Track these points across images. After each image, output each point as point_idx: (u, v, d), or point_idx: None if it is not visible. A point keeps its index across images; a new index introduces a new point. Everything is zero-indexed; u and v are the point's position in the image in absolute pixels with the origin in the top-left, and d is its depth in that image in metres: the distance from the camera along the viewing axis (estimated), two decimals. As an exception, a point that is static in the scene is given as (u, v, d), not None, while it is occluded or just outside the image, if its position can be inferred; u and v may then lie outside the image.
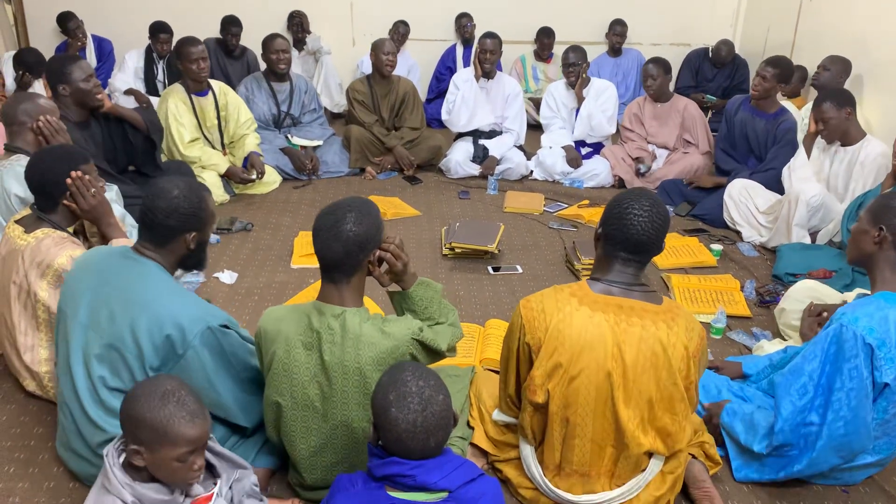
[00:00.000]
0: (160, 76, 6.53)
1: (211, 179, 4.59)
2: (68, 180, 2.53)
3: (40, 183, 2.52)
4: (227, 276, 3.69)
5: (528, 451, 2.17)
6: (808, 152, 4.08)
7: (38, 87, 5.61)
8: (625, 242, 1.96)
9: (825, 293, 3.10)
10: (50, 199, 2.54)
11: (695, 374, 2.02)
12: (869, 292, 2.34)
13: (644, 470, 2.09)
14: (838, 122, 3.90)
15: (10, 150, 3.05)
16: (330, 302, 1.99)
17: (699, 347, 1.99)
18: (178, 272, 3.12)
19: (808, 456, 2.21)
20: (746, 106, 4.77)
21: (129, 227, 3.23)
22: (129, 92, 6.26)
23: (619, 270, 2.01)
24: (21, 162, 2.98)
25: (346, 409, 1.98)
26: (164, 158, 4.63)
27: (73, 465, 2.25)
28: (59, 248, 2.43)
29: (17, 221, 2.58)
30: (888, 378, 2.12)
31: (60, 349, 2.18)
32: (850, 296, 2.99)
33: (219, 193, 4.63)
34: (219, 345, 2.09)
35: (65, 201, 2.55)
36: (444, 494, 1.57)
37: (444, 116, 5.47)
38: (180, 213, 2.09)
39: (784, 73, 4.62)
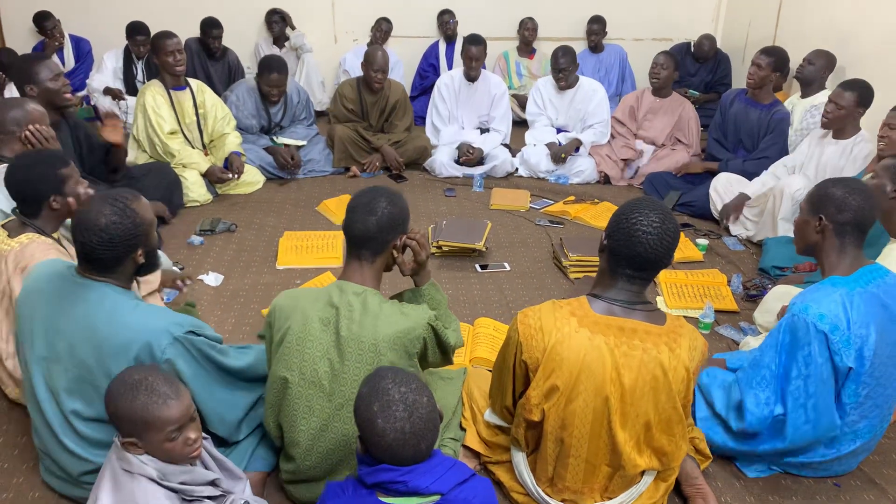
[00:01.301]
0: (139, 76, 6.43)
1: (193, 178, 4.54)
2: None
3: (21, 189, 2.47)
4: (212, 279, 3.65)
5: (520, 458, 2.15)
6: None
7: (14, 89, 5.52)
8: (631, 260, 1.89)
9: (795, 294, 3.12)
10: (32, 204, 2.49)
11: (692, 392, 2.00)
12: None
13: (638, 483, 2.07)
14: (848, 114, 3.92)
15: None
16: (352, 280, 2.05)
17: (700, 364, 1.97)
18: (163, 291, 3.10)
19: (778, 444, 2.28)
20: (742, 97, 4.81)
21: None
22: (107, 91, 6.17)
23: (622, 287, 1.94)
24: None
25: (354, 387, 1.98)
26: (147, 158, 4.59)
27: (59, 489, 2.20)
28: (43, 254, 2.38)
29: (2, 226, 2.53)
30: (850, 361, 2.16)
31: (25, 383, 2.12)
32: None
33: (201, 193, 4.58)
34: (188, 353, 2.03)
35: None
36: (437, 497, 1.55)
37: (430, 136, 5.52)
38: (117, 243, 1.96)
39: (779, 61, 4.64)
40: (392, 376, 1.61)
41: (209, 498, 1.81)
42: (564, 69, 5.26)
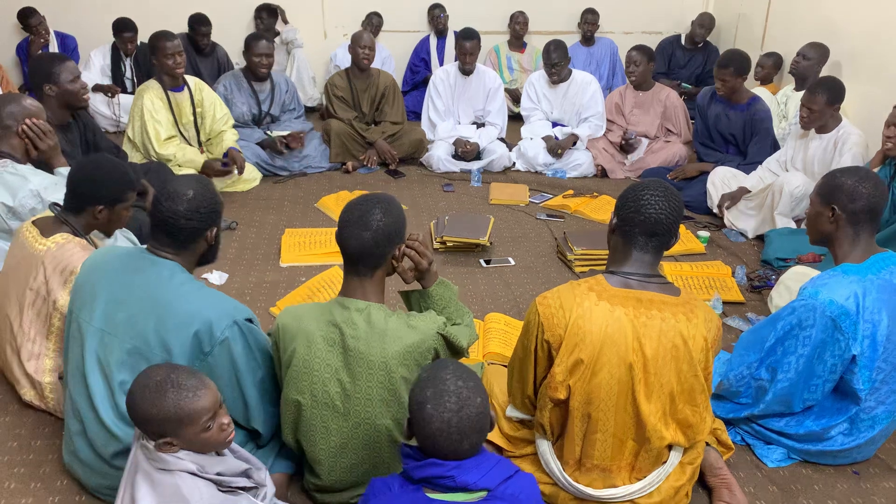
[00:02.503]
0: (128, 73, 6.37)
1: (190, 177, 4.48)
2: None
3: (82, 182, 2.47)
4: (217, 277, 3.61)
5: (545, 447, 2.15)
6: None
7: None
8: (642, 224, 1.95)
9: (813, 276, 3.15)
10: (81, 202, 2.49)
11: (711, 363, 2.02)
12: None
13: (665, 462, 2.08)
14: (822, 114, 3.94)
15: None
16: (353, 297, 1.99)
17: (717, 337, 2.00)
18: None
19: (757, 407, 2.42)
20: (718, 99, 4.77)
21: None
22: (97, 88, 6.07)
23: (636, 259, 1.99)
24: (8, 168, 2.87)
25: (369, 406, 1.95)
26: (140, 159, 4.53)
27: (80, 474, 2.18)
28: (83, 255, 2.36)
29: (33, 223, 2.50)
30: (855, 349, 2.23)
31: (72, 355, 2.10)
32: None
33: (199, 191, 4.52)
34: (245, 340, 2.04)
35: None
36: (484, 493, 1.54)
37: (427, 130, 5.52)
38: (202, 213, 2.05)
39: (739, 67, 4.56)
40: (453, 368, 1.61)
41: (243, 489, 1.80)
42: (557, 63, 5.26)
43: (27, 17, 6.26)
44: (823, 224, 2.39)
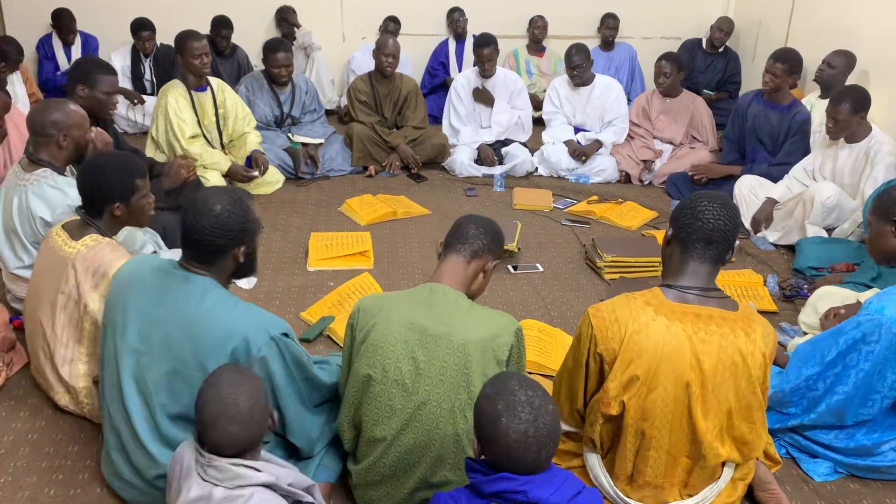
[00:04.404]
0: (147, 75, 6.36)
1: (214, 179, 4.45)
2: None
3: (91, 187, 2.43)
4: (245, 282, 3.59)
5: (594, 460, 2.12)
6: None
7: (16, 79, 5.41)
8: (700, 230, 1.91)
9: (842, 296, 3.13)
10: (96, 205, 2.45)
11: (768, 379, 1.99)
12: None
13: (718, 479, 2.05)
14: (848, 124, 3.89)
15: (35, 161, 2.89)
16: (443, 282, 2.07)
17: (773, 352, 1.97)
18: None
19: (807, 417, 2.40)
20: (759, 99, 4.75)
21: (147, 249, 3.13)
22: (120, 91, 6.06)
23: (693, 272, 1.94)
24: (49, 181, 2.84)
25: (439, 386, 1.97)
26: (165, 159, 4.50)
27: (125, 494, 2.15)
28: (113, 255, 2.34)
29: (62, 226, 2.48)
30: None
31: (108, 372, 2.07)
32: (864, 296, 3.02)
33: (223, 195, 4.50)
34: (281, 355, 2.01)
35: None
36: (555, 509, 1.51)
37: (449, 136, 5.50)
38: (227, 230, 1.97)
39: (794, 65, 4.56)
40: (518, 379, 1.58)
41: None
42: (579, 66, 5.24)
43: (61, 19, 6.24)
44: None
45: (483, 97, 5.43)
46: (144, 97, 6.13)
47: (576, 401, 2.09)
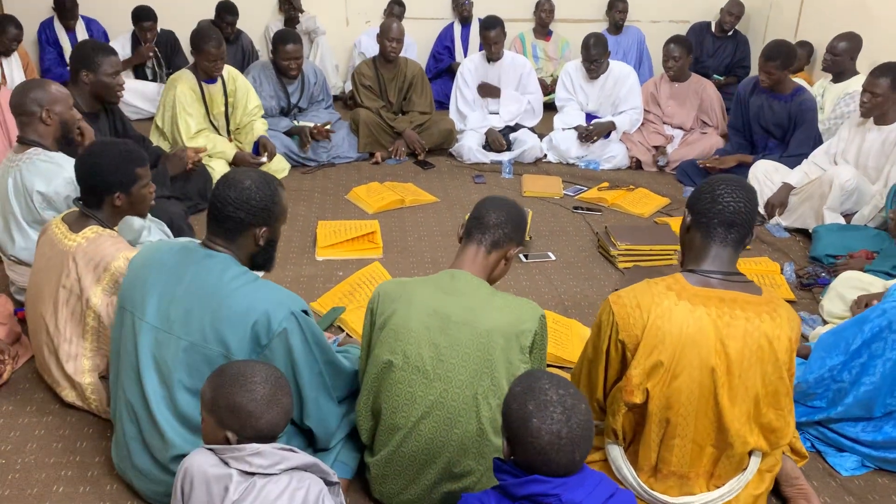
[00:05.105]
0: (149, 62, 6.24)
1: (220, 168, 4.38)
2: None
3: (90, 177, 2.37)
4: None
5: (617, 453, 2.07)
6: None
7: (15, 64, 5.33)
8: (720, 214, 1.88)
9: (867, 282, 3.06)
10: (96, 195, 2.39)
11: (794, 364, 1.94)
12: None
13: (745, 469, 2.00)
14: (885, 100, 3.78)
15: (25, 142, 2.85)
16: (464, 268, 2.03)
17: (798, 337, 1.92)
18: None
19: (834, 410, 2.35)
20: (761, 90, 4.61)
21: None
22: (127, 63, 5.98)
23: (715, 256, 1.90)
24: (41, 156, 2.80)
25: (461, 373, 1.92)
26: (169, 146, 4.43)
27: (134, 480, 2.10)
28: (115, 248, 2.28)
29: (62, 218, 2.42)
30: None
31: (125, 353, 2.02)
32: (890, 284, 2.96)
33: (228, 183, 4.42)
34: (302, 332, 1.97)
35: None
36: (589, 512, 1.45)
37: (456, 121, 5.41)
38: (251, 206, 1.97)
39: (786, 61, 4.41)
40: (549, 377, 1.52)
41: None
42: (596, 59, 5.11)
43: (64, 2, 6.13)
44: None
45: (489, 91, 5.33)
46: (146, 83, 6.05)
47: (596, 391, 2.04)
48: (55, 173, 2.77)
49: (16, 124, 2.92)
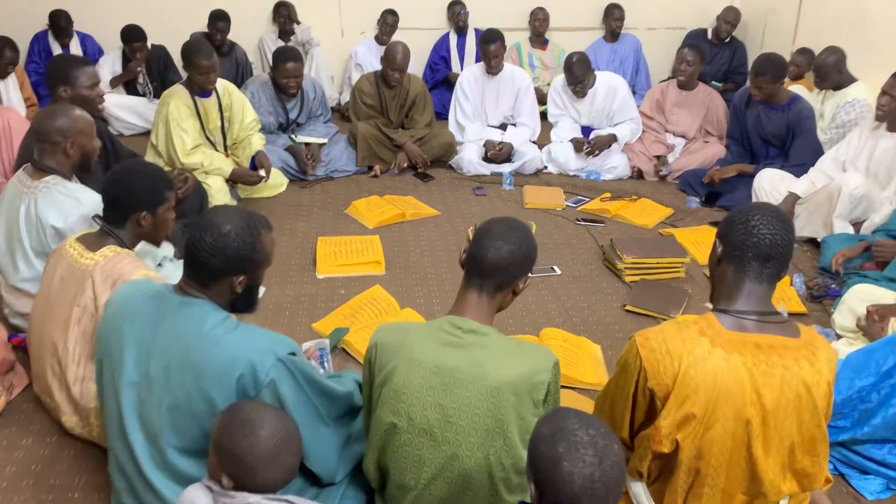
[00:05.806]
0: (140, 79, 6.13)
1: (217, 185, 4.29)
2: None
3: (119, 192, 2.33)
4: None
5: (639, 489, 1.97)
6: None
7: (11, 83, 5.24)
8: (756, 247, 1.74)
9: (878, 295, 3.01)
10: (121, 212, 2.35)
11: (831, 407, 1.85)
12: None
13: (775, 511, 1.92)
14: None
15: (41, 168, 2.75)
16: (466, 315, 1.84)
17: (834, 377, 1.82)
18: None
19: (860, 430, 2.28)
20: (756, 101, 4.55)
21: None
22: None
23: (749, 293, 1.77)
24: (59, 187, 2.71)
25: (472, 435, 1.78)
26: (164, 165, 4.34)
27: None
28: (132, 267, 2.23)
29: (77, 239, 2.36)
30: None
31: (108, 408, 1.93)
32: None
33: (226, 199, 4.34)
34: (291, 376, 1.86)
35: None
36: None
37: (455, 133, 5.35)
38: (228, 254, 1.82)
39: (776, 74, 4.36)
40: (577, 416, 1.43)
41: None
42: (580, 80, 5.05)
43: (58, 20, 6.04)
44: None
45: (497, 155, 5.19)
46: (137, 98, 5.97)
47: (620, 431, 1.94)
48: (73, 209, 2.68)
49: (36, 148, 2.80)
